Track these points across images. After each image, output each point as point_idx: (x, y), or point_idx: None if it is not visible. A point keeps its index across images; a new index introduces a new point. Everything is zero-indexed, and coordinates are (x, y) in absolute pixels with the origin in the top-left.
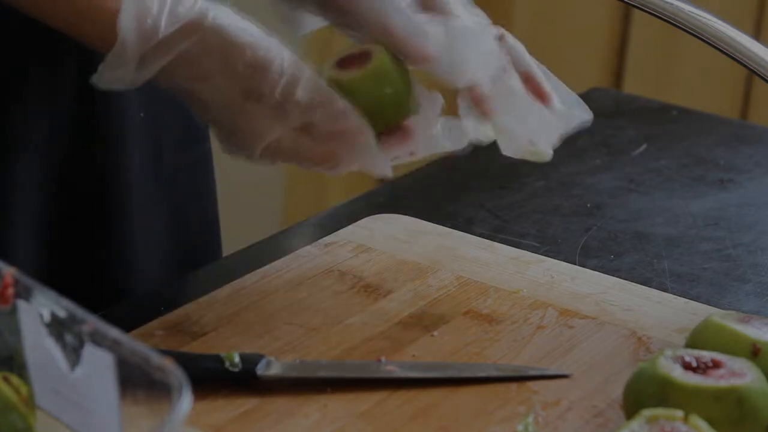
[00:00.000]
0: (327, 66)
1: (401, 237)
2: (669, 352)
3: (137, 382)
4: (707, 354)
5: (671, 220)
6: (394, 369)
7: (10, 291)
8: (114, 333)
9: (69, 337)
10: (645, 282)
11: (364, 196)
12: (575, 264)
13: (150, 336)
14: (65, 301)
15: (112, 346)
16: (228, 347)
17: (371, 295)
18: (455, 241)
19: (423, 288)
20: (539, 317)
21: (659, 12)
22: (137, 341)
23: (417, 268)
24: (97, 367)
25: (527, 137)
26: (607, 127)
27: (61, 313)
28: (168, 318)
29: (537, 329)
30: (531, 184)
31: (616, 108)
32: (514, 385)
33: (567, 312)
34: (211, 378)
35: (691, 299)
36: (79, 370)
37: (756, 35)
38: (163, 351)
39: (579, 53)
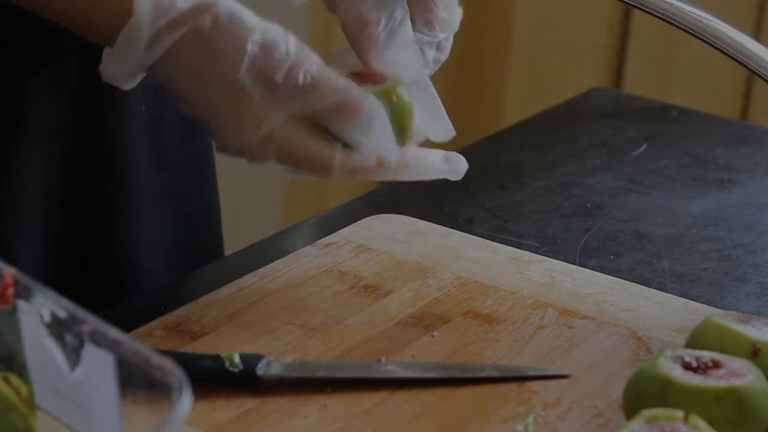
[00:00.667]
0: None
1: (401, 237)
2: (669, 352)
3: (137, 382)
4: (707, 354)
5: (671, 220)
6: (394, 369)
7: (10, 291)
8: (114, 333)
9: (69, 337)
10: (645, 282)
11: (364, 196)
12: (575, 264)
13: (150, 336)
14: (65, 301)
15: (112, 346)
16: (228, 347)
17: (371, 295)
18: (455, 241)
19: (423, 288)
20: (539, 317)
21: (659, 12)
22: (137, 341)
23: (417, 268)
24: (97, 367)
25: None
26: (607, 127)
27: (61, 313)
28: (168, 318)
29: (537, 329)
30: (531, 184)
31: (616, 108)
32: (514, 386)
33: (567, 312)
34: (211, 378)
35: (691, 299)
36: (79, 370)
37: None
38: (163, 351)
39: (579, 53)
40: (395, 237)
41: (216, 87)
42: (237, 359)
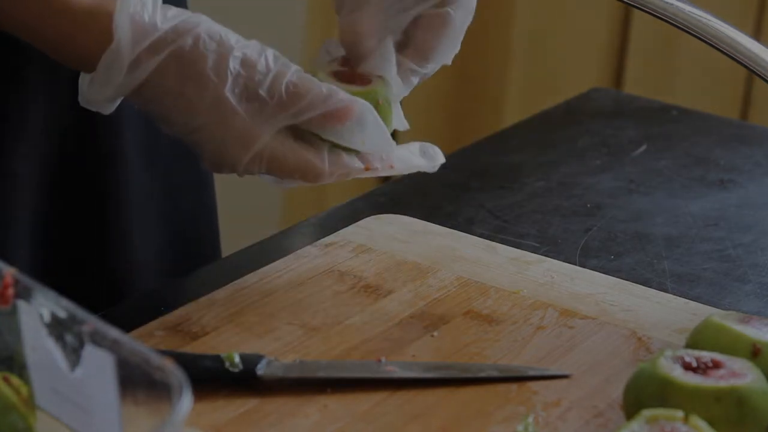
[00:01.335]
0: (321, 73)
1: (401, 237)
2: (669, 352)
3: (137, 382)
4: (707, 354)
5: (671, 220)
6: (394, 369)
7: (10, 291)
8: (114, 333)
9: (69, 338)
10: (645, 282)
11: (364, 196)
12: (575, 264)
13: (150, 336)
14: (65, 302)
15: (112, 346)
16: (228, 347)
17: (371, 295)
18: (455, 241)
19: (423, 288)
20: (539, 317)
21: (659, 12)
22: (137, 341)
23: (417, 268)
24: (97, 367)
25: None
26: (607, 127)
27: (61, 314)
28: (168, 318)
29: (537, 329)
30: (531, 184)
31: (616, 108)
32: (514, 386)
33: (567, 312)
34: (211, 378)
35: (691, 299)
36: (79, 370)
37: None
38: (163, 351)
39: (579, 53)
40: (395, 237)
41: (202, 108)
42: (237, 359)
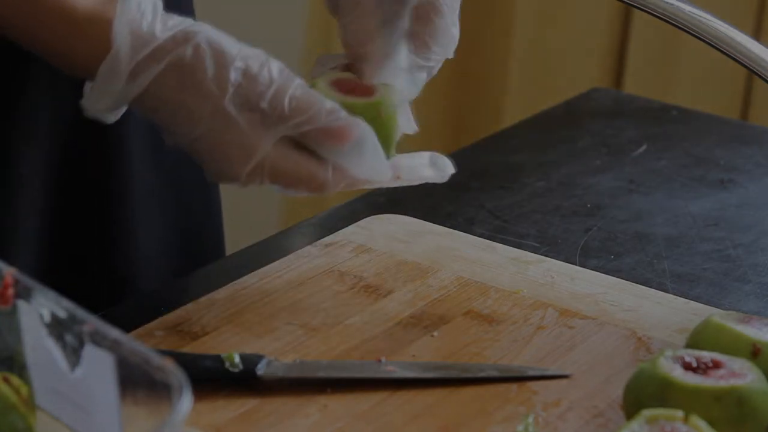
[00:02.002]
0: (322, 82)
1: (401, 237)
2: (669, 352)
3: (137, 382)
4: (707, 354)
5: (671, 220)
6: (394, 369)
7: (10, 291)
8: (114, 333)
9: (69, 338)
10: (645, 282)
11: (364, 196)
12: (575, 264)
13: (150, 336)
14: (65, 301)
15: (112, 346)
16: (228, 347)
17: (371, 295)
18: (455, 241)
19: (423, 288)
20: (539, 317)
21: (659, 12)
22: (137, 341)
23: (417, 268)
24: (97, 367)
25: None
26: (607, 127)
27: (61, 314)
28: (168, 318)
29: (537, 329)
30: (531, 184)
31: (616, 108)
32: (514, 386)
33: (567, 312)
34: (211, 378)
35: (692, 299)
36: (79, 370)
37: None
38: (163, 351)
39: (579, 53)
40: (395, 237)
41: (202, 118)
42: (237, 359)
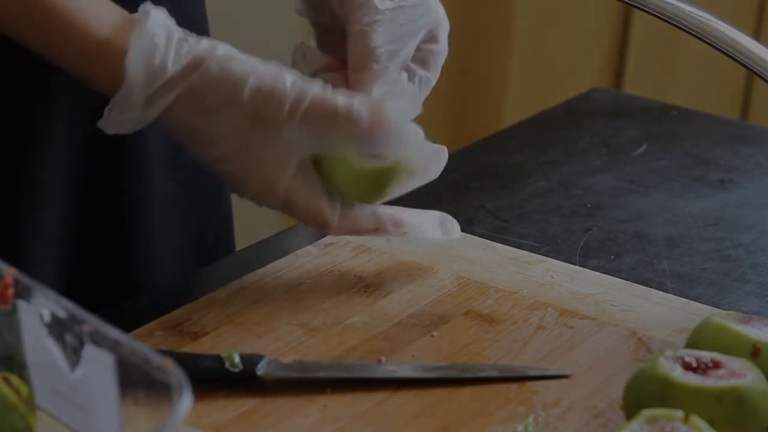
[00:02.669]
0: None
1: (419, 245)
2: (669, 352)
3: (137, 382)
4: (707, 354)
5: (671, 220)
6: (394, 369)
7: (10, 291)
8: (114, 333)
9: (69, 337)
10: (645, 282)
11: None
12: (575, 264)
13: (150, 336)
14: (65, 302)
15: (112, 346)
16: (228, 347)
17: (371, 295)
18: (455, 241)
19: (423, 288)
20: (539, 317)
21: (659, 12)
22: (137, 341)
23: (417, 268)
24: (97, 367)
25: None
26: (607, 127)
27: (61, 313)
28: (168, 318)
29: (537, 329)
30: (531, 184)
31: (616, 108)
32: (514, 386)
33: (567, 312)
34: (211, 378)
35: (691, 299)
36: (79, 370)
37: (756, 35)
38: (163, 351)
39: (579, 53)
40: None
41: (218, 140)
42: (237, 359)
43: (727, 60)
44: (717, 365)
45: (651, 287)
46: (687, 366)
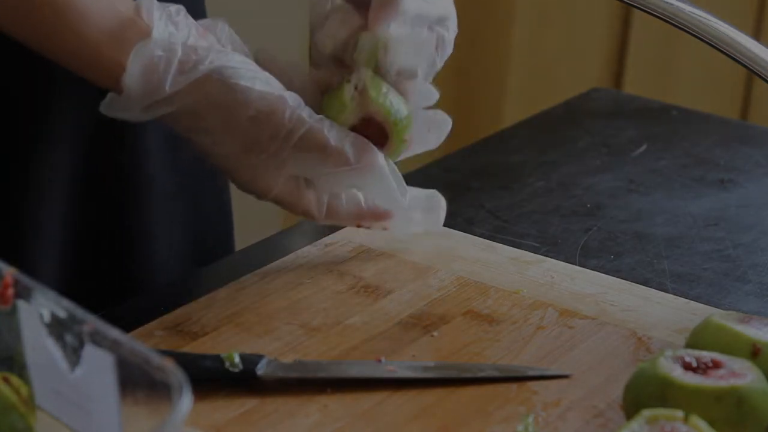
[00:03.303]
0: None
1: (401, 237)
2: (669, 352)
3: (137, 382)
4: (707, 354)
5: (671, 220)
6: (394, 369)
7: (10, 291)
8: (114, 333)
9: (69, 338)
10: (645, 282)
11: None
12: (575, 264)
13: (150, 336)
14: (65, 302)
15: (112, 346)
16: (228, 347)
17: (371, 295)
18: (455, 241)
19: (423, 288)
20: (539, 317)
21: (659, 12)
22: (137, 341)
23: (417, 268)
24: (97, 367)
25: None
26: (607, 127)
27: (61, 314)
28: (168, 318)
29: (537, 329)
30: (531, 184)
31: (616, 108)
32: (514, 386)
33: (567, 312)
34: (211, 378)
35: (691, 299)
36: (79, 370)
37: (756, 35)
38: (163, 351)
39: (579, 53)
40: (395, 237)
41: (214, 155)
42: (237, 359)
43: (727, 60)
44: (717, 365)
45: (651, 287)
46: (687, 366)
